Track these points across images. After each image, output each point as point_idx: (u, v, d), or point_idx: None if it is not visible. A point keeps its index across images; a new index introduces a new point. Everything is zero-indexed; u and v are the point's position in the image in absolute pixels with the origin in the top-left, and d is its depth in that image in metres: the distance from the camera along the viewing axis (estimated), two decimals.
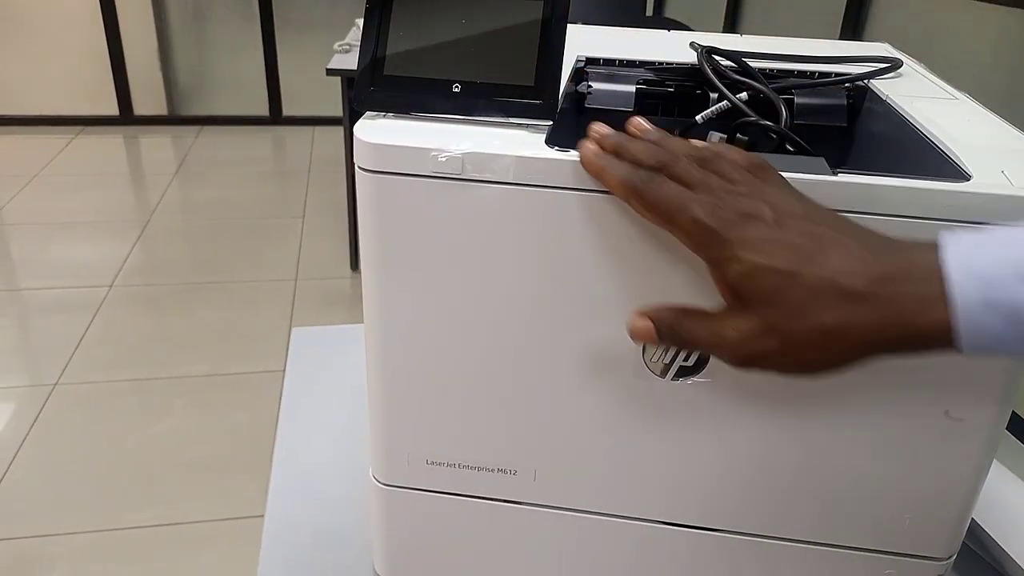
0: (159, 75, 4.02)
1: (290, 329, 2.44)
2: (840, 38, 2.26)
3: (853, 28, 2.24)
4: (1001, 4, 1.75)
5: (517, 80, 0.45)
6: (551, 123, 0.46)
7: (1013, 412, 0.63)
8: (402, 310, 0.48)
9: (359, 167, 0.45)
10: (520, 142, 0.44)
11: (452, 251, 0.46)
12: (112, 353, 2.29)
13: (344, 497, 0.67)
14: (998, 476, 0.64)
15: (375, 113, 0.47)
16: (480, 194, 0.44)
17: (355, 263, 2.80)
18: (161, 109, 4.09)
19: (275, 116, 4.16)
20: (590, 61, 0.63)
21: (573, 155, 0.42)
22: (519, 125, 0.46)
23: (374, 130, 0.45)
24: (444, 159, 0.43)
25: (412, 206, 0.45)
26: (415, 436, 0.52)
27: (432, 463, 0.53)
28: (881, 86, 0.58)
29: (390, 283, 0.48)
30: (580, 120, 0.62)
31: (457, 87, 0.46)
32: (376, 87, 0.46)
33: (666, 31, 0.74)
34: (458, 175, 0.43)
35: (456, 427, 0.51)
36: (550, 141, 0.44)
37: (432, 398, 0.51)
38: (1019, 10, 1.71)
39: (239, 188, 3.44)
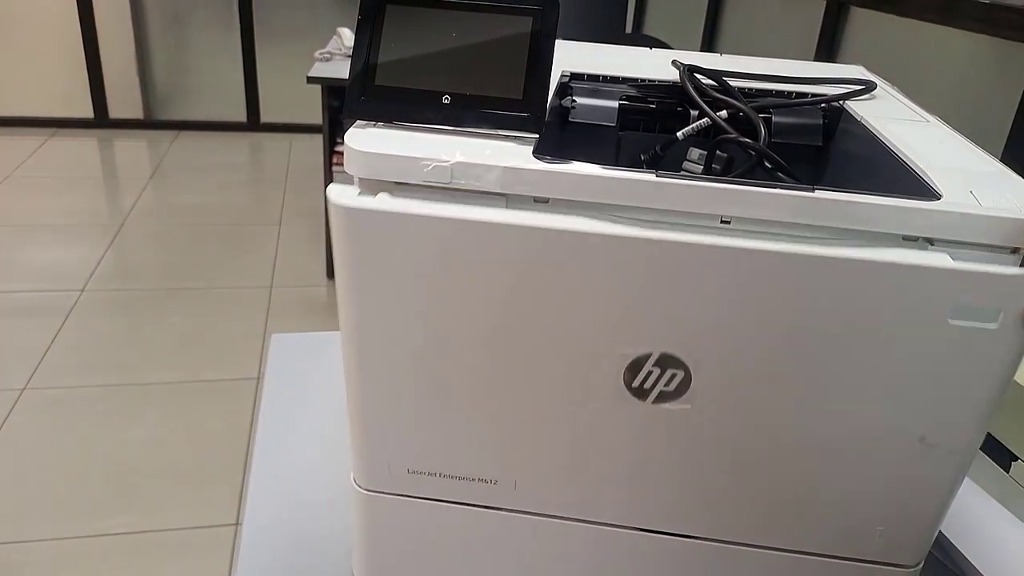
0: (136, 79, 3.99)
1: (264, 336, 2.43)
2: (815, 59, 2.30)
3: (827, 50, 2.29)
4: (969, 30, 1.80)
5: (505, 93, 0.46)
6: (538, 135, 0.47)
7: None
8: (382, 320, 0.48)
9: (348, 173, 0.46)
10: (508, 153, 0.45)
11: (436, 261, 0.46)
12: (83, 358, 2.26)
13: (323, 502, 0.67)
14: (962, 487, 0.66)
15: (365, 122, 0.47)
16: (467, 203, 0.44)
17: (331, 271, 2.80)
18: (137, 113, 4.06)
19: (253, 122, 4.14)
20: (574, 76, 0.64)
21: (558, 167, 0.43)
22: (507, 137, 0.47)
23: (364, 138, 0.45)
24: (433, 168, 0.44)
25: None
26: (395, 447, 0.53)
27: (413, 472, 0.53)
28: (856, 107, 0.60)
29: (369, 292, 0.48)
30: (564, 134, 0.64)
31: (447, 99, 0.47)
32: (367, 97, 0.47)
33: (648, 49, 0.75)
34: (446, 184, 0.44)
35: (437, 439, 0.52)
36: (537, 153, 0.45)
37: (412, 410, 0.51)
38: (986, 36, 1.76)
39: (215, 194, 3.42)
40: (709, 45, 3.04)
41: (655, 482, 0.51)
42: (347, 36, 2.76)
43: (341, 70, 2.56)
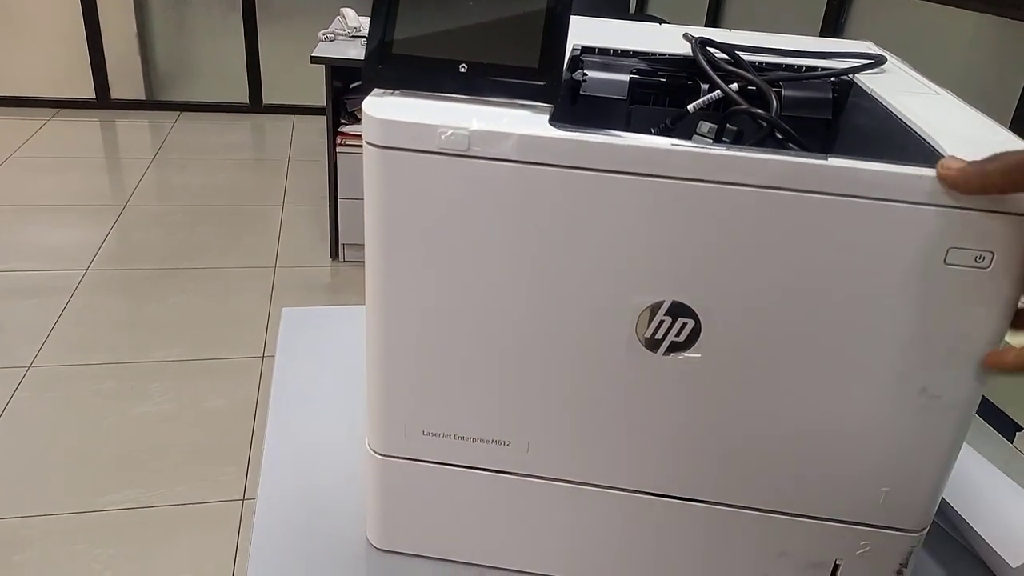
0: (137, 59, 3.98)
1: (269, 316, 2.44)
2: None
3: (832, 30, 2.28)
4: (974, 10, 1.80)
5: (522, 62, 0.47)
6: (554, 104, 0.47)
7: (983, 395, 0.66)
8: (403, 282, 0.50)
9: (367, 142, 0.46)
10: (525, 121, 0.45)
11: (453, 226, 0.47)
12: (87, 337, 2.27)
13: (337, 472, 0.68)
14: (966, 457, 0.67)
15: (383, 91, 0.48)
16: (484, 171, 0.45)
17: (335, 252, 2.80)
18: (139, 94, 4.05)
19: (255, 104, 4.13)
20: (585, 50, 0.65)
21: (576, 135, 0.44)
22: (523, 105, 0.47)
23: (383, 106, 0.46)
24: (450, 136, 0.45)
25: (417, 181, 0.46)
26: (412, 407, 0.54)
27: (428, 434, 0.54)
28: (866, 80, 0.60)
29: (392, 256, 0.49)
30: (575, 107, 0.64)
31: (464, 67, 0.47)
32: (385, 65, 0.47)
33: (658, 24, 0.76)
34: (464, 152, 0.45)
35: (452, 399, 0.53)
36: (553, 121, 0.46)
37: (429, 369, 0.52)
38: (991, 16, 1.76)
39: (218, 175, 3.42)
40: (713, 25, 3.02)
41: (664, 442, 0.52)
42: (351, 16, 2.75)
43: (345, 50, 2.56)
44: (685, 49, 0.64)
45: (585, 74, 0.64)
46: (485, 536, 0.59)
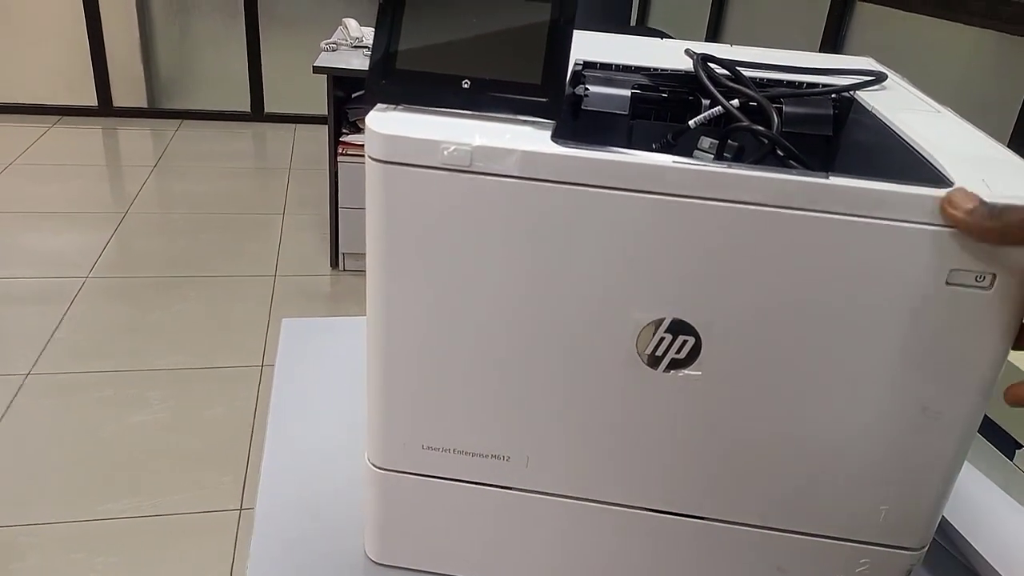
0: (140, 67, 3.99)
1: (268, 325, 2.44)
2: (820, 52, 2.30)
3: (832, 44, 2.29)
4: (973, 25, 1.80)
5: (524, 78, 0.47)
6: (556, 121, 0.47)
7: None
8: (404, 297, 0.50)
9: (369, 157, 0.46)
10: (527, 137, 0.45)
11: (455, 241, 0.47)
12: (87, 344, 2.27)
13: (336, 484, 0.68)
14: (966, 475, 0.67)
15: (386, 105, 0.48)
16: (486, 187, 0.45)
17: (335, 261, 2.81)
18: (141, 101, 4.06)
19: (257, 112, 4.14)
20: (587, 65, 0.65)
21: (577, 151, 0.44)
22: (525, 121, 0.47)
23: (386, 121, 0.46)
24: (453, 151, 0.45)
25: (419, 196, 0.46)
26: (412, 421, 0.54)
27: (428, 448, 0.54)
28: (866, 98, 0.60)
29: (393, 271, 0.49)
30: (576, 122, 0.64)
31: (466, 83, 0.47)
32: (388, 80, 0.48)
33: (659, 39, 0.76)
34: (466, 168, 0.45)
35: (452, 413, 0.53)
36: (555, 137, 0.46)
37: (430, 384, 0.52)
38: (990, 31, 1.76)
39: (219, 183, 3.43)
40: (713, 39, 3.04)
41: (664, 459, 0.52)
42: (353, 26, 2.76)
43: (347, 60, 2.57)
44: (686, 64, 0.64)
45: (587, 89, 0.64)
46: (484, 551, 0.58)
